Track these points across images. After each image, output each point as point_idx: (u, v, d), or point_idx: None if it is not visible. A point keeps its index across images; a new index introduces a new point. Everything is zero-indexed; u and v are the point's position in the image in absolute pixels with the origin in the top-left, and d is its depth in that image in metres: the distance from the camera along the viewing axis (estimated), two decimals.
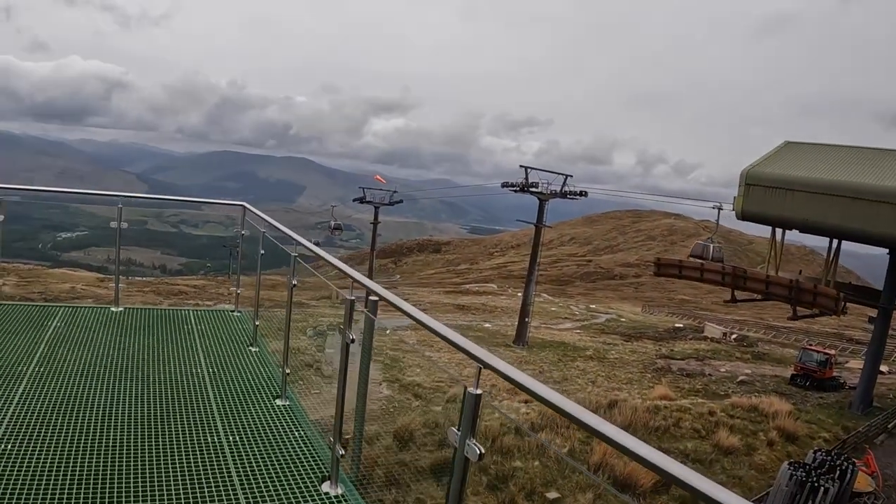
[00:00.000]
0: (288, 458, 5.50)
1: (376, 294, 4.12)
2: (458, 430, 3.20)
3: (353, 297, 4.92)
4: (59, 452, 5.06)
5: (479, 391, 3.19)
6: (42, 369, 6.76)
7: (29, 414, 5.64)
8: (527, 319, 33.36)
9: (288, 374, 6.92)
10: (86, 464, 4.94)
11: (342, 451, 5.04)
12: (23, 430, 5.33)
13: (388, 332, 32.52)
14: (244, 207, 9.42)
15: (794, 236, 31.94)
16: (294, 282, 6.37)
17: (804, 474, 15.96)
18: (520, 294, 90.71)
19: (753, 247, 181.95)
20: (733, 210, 30.44)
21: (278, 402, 6.74)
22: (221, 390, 6.81)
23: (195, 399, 6.46)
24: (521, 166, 34.25)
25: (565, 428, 17.68)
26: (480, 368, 3.18)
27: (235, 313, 10.12)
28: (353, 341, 4.93)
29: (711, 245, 34.49)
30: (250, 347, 8.37)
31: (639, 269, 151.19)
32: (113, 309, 9.48)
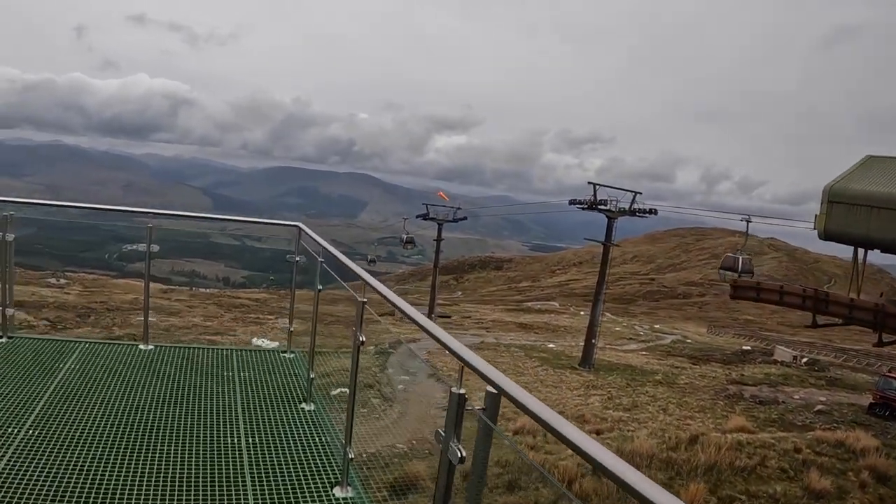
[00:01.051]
0: (304, 461, 5.57)
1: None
2: (444, 431, 3.14)
3: (364, 300, 4.96)
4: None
5: (462, 391, 3.07)
6: (43, 420, 5.72)
7: (21, 475, 4.81)
8: (593, 341, 32.27)
9: (313, 378, 6.99)
10: None
11: (352, 455, 5.09)
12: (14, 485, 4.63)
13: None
14: (299, 229, 8.03)
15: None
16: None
17: None
18: (582, 313, 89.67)
19: (819, 265, 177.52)
20: (815, 229, 28.82)
21: (304, 405, 6.87)
22: (261, 465, 5.58)
23: (225, 469, 5.35)
24: (589, 183, 33.34)
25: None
26: (463, 367, 3.09)
27: (287, 355, 8.77)
28: (363, 343, 5.01)
29: (741, 257, 33.54)
30: (302, 405, 7.01)
31: (703, 288, 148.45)
32: (142, 347, 8.32)
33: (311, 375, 6.95)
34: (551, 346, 40.65)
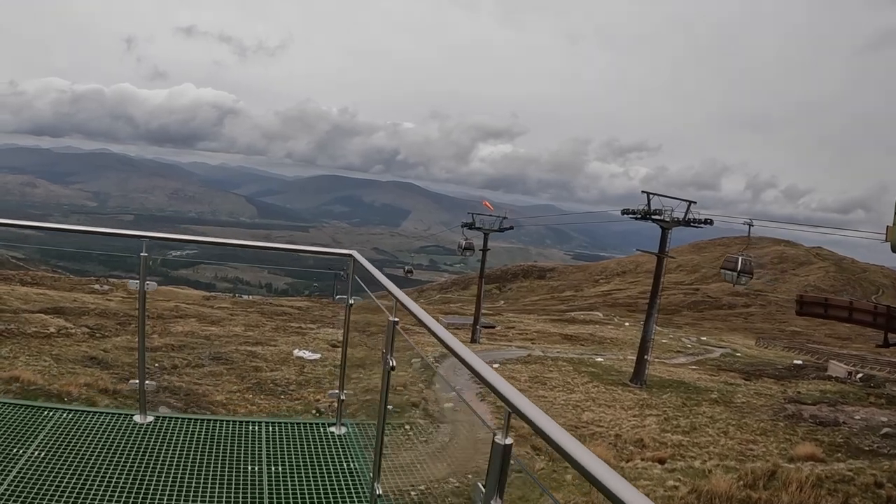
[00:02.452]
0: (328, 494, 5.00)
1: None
2: (484, 486, 2.53)
3: (395, 319, 4.47)
4: None
5: (508, 441, 2.49)
6: None
7: None
8: (646, 357, 31.07)
9: (343, 400, 6.26)
10: None
11: (380, 491, 4.58)
12: None
13: (496, 365, 30.83)
14: (353, 258, 6.22)
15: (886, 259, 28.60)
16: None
17: None
18: (627, 324, 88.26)
19: (867, 275, 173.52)
20: (887, 241, 27.25)
21: (332, 429, 6.20)
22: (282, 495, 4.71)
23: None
24: (643, 192, 32.22)
25: None
26: (510, 414, 2.54)
27: (337, 430, 6.25)
28: (393, 368, 4.48)
29: (741, 257, 32.41)
30: (332, 428, 5.90)
31: (748, 298, 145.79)
32: (136, 419, 6.06)
33: (342, 397, 6.24)
34: (599, 359, 39.48)
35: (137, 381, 6.20)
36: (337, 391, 6.32)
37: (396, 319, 4.50)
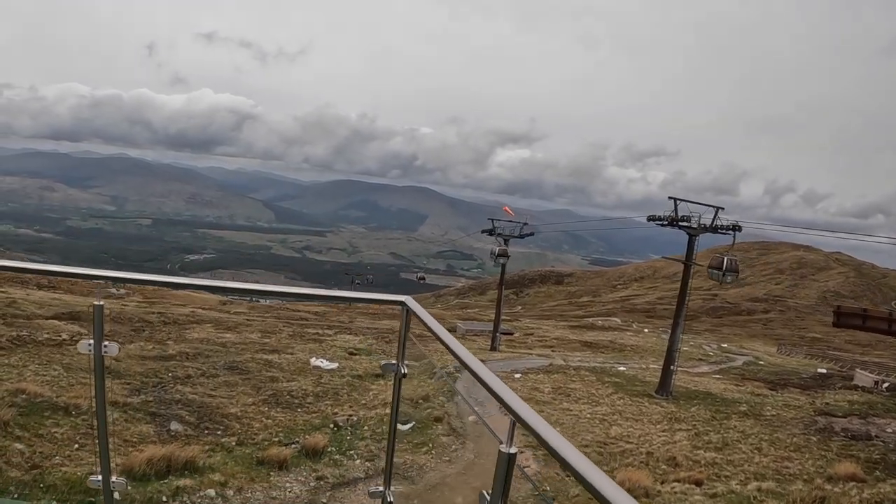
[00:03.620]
0: None
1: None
2: (489, 494, 2.49)
3: (407, 325, 4.24)
4: None
5: (513, 450, 2.43)
6: None
7: None
8: (672, 367, 30.23)
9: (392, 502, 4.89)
10: None
11: (391, 498, 4.36)
12: None
13: (517, 376, 30.04)
14: (405, 306, 5.62)
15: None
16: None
17: None
18: (646, 330, 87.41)
19: (887, 281, 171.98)
20: None
21: None
22: None
23: None
24: (669, 198, 31.47)
25: None
26: (514, 423, 2.42)
27: None
28: (405, 376, 4.28)
29: (726, 257, 31.99)
30: None
31: (767, 304, 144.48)
32: None
33: (390, 497, 4.65)
34: (622, 368, 38.66)
35: (99, 478, 4.35)
36: (381, 489, 4.58)
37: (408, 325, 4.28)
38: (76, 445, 13.51)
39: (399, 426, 5.78)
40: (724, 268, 32.11)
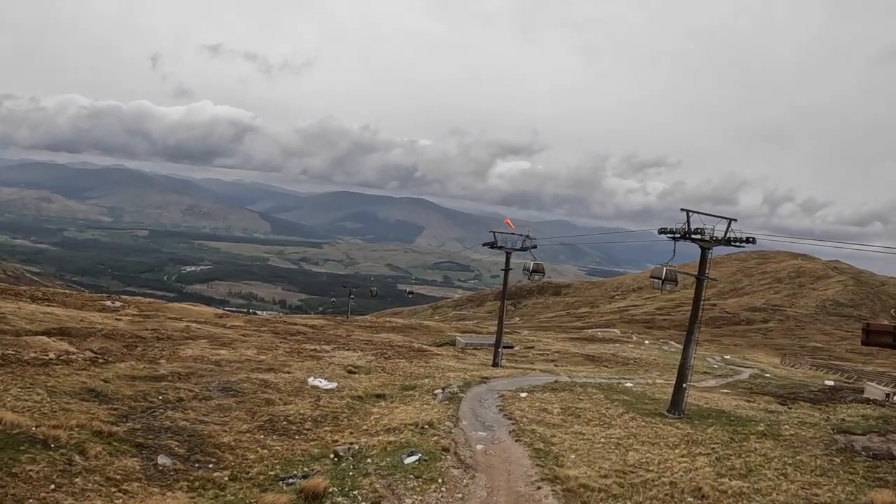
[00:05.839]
0: None
1: None
2: None
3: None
4: None
5: None
6: None
7: None
8: (685, 385, 29.02)
9: None
10: None
11: None
12: None
13: (524, 395, 28.82)
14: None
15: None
16: None
17: None
18: (647, 342, 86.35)
19: (886, 289, 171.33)
20: None
21: None
22: None
23: None
24: (681, 209, 30.33)
25: None
26: None
27: None
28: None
29: (665, 268, 31.22)
30: None
31: (766, 313, 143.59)
32: None
33: None
34: (629, 385, 37.51)
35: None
36: None
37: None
38: (52, 486, 12.33)
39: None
40: (663, 277, 31.53)
